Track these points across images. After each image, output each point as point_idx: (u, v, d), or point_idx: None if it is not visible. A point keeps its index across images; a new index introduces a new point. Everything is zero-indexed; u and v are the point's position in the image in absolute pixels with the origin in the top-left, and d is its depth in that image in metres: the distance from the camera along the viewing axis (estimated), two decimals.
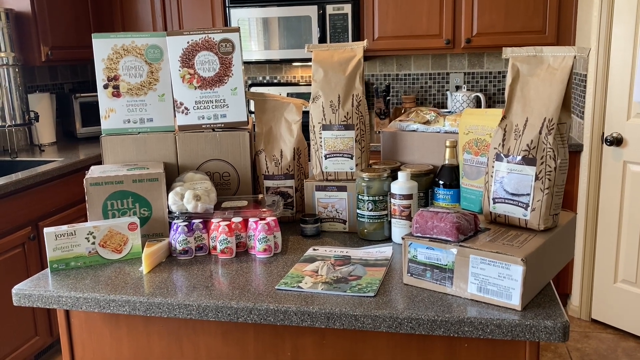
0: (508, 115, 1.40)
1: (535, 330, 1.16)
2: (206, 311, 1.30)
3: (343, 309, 1.24)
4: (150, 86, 1.79)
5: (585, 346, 3.00)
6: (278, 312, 1.27)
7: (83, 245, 1.52)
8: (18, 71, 3.31)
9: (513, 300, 1.21)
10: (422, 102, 4.01)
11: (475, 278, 1.25)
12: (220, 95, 1.79)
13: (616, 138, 2.99)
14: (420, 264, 1.32)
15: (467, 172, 1.59)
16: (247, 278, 1.43)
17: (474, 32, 3.48)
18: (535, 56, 1.39)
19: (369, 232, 1.66)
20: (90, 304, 1.37)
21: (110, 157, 1.78)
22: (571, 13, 3.38)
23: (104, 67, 1.77)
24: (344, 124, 1.72)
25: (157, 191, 1.62)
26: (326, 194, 1.74)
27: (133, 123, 1.80)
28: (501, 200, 1.39)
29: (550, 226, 1.36)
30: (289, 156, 1.82)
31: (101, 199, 1.60)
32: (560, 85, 1.33)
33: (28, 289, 1.41)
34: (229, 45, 1.78)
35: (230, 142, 1.78)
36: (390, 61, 3.99)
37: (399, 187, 1.58)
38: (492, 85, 3.89)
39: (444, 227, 1.29)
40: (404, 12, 3.54)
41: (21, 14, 3.35)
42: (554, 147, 1.31)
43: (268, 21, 3.62)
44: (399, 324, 1.22)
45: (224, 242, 1.56)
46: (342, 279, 1.39)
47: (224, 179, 1.80)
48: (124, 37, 1.77)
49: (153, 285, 1.40)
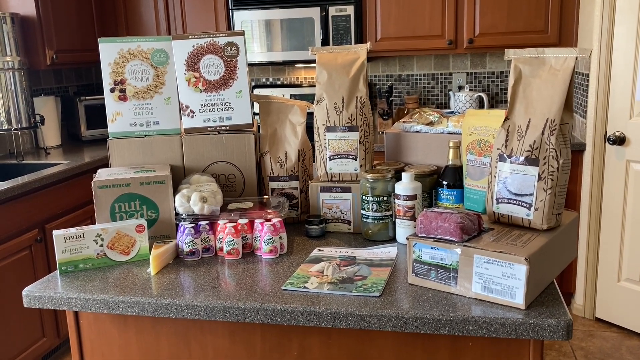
0: (511, 116, 1.42)
1: (539, 329, 1.18)
2: (214, 312, 1.32)
3: (349, 309, 1.26)
4: (157, 90, 1.81)
5: (589, 345, 3.01)
6: (285, 312, 1.28)
7: (91, 248, 1.54)
8: (23, 75, 3.34)
9: (517, 299, 1.22)
10: (424, 102, 4.02)
11: (480, 277, 1.26)
12: (225, 98, 1.81)
13: (619, 137, 3.00)
14: (424, 264, 1.34)
15: (471, 172, 1.60)
16: (254, 279, 1.44)
17: (476, 32, 3.49)
18: (537, 57, 1.40)
19: (374, 232, 1.68)
20: (99, 305, 1.39)
21: (117, 160, 1.80)
22: (573, 13, 3.39)
23: (111, 71, 1.79)
24: (348, 125, 1.74)
25: (164, 193, 1.64)
26: (331, 195, 1.76)
27: (139, 126, 1.82)
28: (504, 200, 1.41)
29: (553, 226, 1.37)
30: (294, 158, 1.84)
31: (109, 201, 1.62)
32: (562, 86, 1.34)
33: (38, 291, 1.43)
34: (233, 48, 1.79)
35: (236, 145, 1.80)
36: (393, 62, 4.00)
37: (403, 187, 1.59)
38: (494, 85, 3.90)
39: (448, 227, 1.30)
40: (406, 13, 3.55)
41: (26, 18, 3.38)
42: (556, 147, 1.33)
43: (271, 23, 3.64)
44: (404, 324, 1.23)
45: (231, 243, 1.57)
46: (347, 279, 1.40)
47: (230, 180, 1.82)
48: (130, 41, 1.79)
49: (161, 286, 1.42)
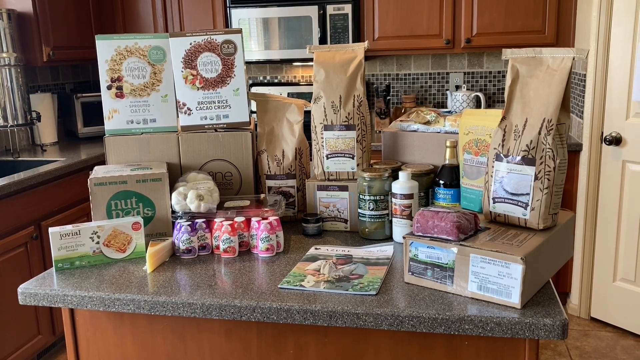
0: (508, 115, 1.42)
1: (534, 328, 1.18)
2: (210, 310, 1.32)
3: (345, 307, 1.26)
4: (154, 87, 1.81)
5: (584, 344, 3.02)
6: (281, 310, 1.28)
7: (87, 245, 1.54)
8: (20, 71, 3.33)
9: (513, 299, 1.23)
10: (422, 101, 4.03)
11: (476, 277, 1.26)
12: (222, 96, 1.81)
13: (615, 137, 3.00)
14: (421, 263, 1.34)
15: (467, 172, 1.61)
16: (250, 277, 1.44)
17: (473, 32, 3.49)
18: (534, 57, 1.40)
19: (370, 231, 1.68)
20: (95, 303, 1.39)
21: (114, 158, 1.80)
22: (570, 13, 3.40)
23: (108, 68, 1.79)
24: (345, 124, 1.74)
25: (160, 191, 1.64)
26: (328, 193, 1.76)
27: (136, 123, 1.81)
28: (501, 199, 1.41)
29: (550, 225, 1.37)
30: (291, 156, 1.84)
31: (105, 198, 1.61)
32: (560, 86, 1.34)
33: (33, 288, 1.43)
34: (231, 46, 1.79)
35: (233, 143, 1.80)
36: (391, 61, 4.00)
37: (400, 186, 1.60)
38: (491, 85, 3.91)
39: (444, 227, 1.30)
40: (404, 12, 3.55)
41: (23, 15, 3.37)
42: (553, 147, 1.33)
43: (269, 21, 3.64)
44: (400, 322, 1.24)
45: (227, 241, 1.57)
46: (344, 277, 1.41)
47: (227, 179, 1.82)
48: (127, 38, 1.79)
49: (157, 284, 1.42)
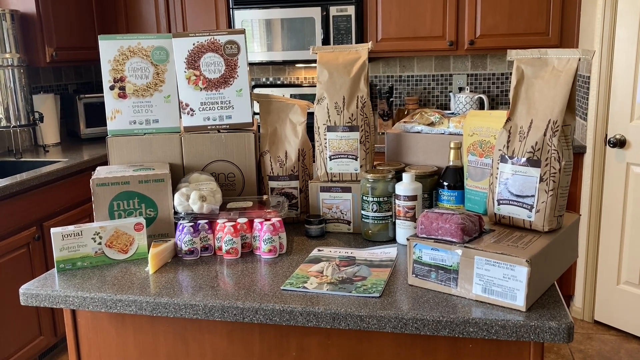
0: (513, 117, 1.41)
1: (539, 331, 1.17)
2: (212, 311, 1.31)
3: (348, 310, 1.25)
4: (156, 87, 1.80)
5: (588, 347, 3.01)
6: (284, 312, 1.28)
7: (89, 246, 1.53)
8: (23, 72, 3.33)
9: (518, 301, 1.22)
10: (425, 103, 4.02)
11: (480, 279, 1.25)
12: (225, 97, 1.80)
13: (619, 140, 2.99)
14: (425, 265, 1.33)
15: (472, 173, 1.60)
16: (253, 278, 1.43)
17: (477, 33, 3.49)
18: (539, 58, 1.39)
19: (374, 233, 1.67)
20: (97, 304, 1.38)
21: (116, 158, 1.79)
22: (574, 15, 3.39)
23: (110, 68, 1.78)
24: (348, 125, 1.73)
25: (163, 192, 1.63)
26: (331, 195, 1.75)
27: (139, 124, 1.81)
28: (505, 201, 1.40)
29: (555, 227, 1.36)
30: (294, 157, 1.83)
31: (107, 199, 1.61)
32: (565, 87, 1.33)
33: (35, 289, 1.42)
34: (234, 47, 1.79)
35: (236, 143, 1.79)
36: (394, 62, 4.00)
37: (404, 188, 1.59)
38: (495, 87, 3.90)
39: (448, 228, 1.29)
40: (408, 13, 3.55)
41: (26, 16, 3.37)
42: (558, 148, 1.32)
43: (271, 22, 3.63)
44: (404, 325, 1.23)
45: (230, 242, 1.57)
46: (347, 279, 1.40)
47: (229, 179, 1.81)
48: (130, 38, 1.78)
49: (159, 285, 1.41)
